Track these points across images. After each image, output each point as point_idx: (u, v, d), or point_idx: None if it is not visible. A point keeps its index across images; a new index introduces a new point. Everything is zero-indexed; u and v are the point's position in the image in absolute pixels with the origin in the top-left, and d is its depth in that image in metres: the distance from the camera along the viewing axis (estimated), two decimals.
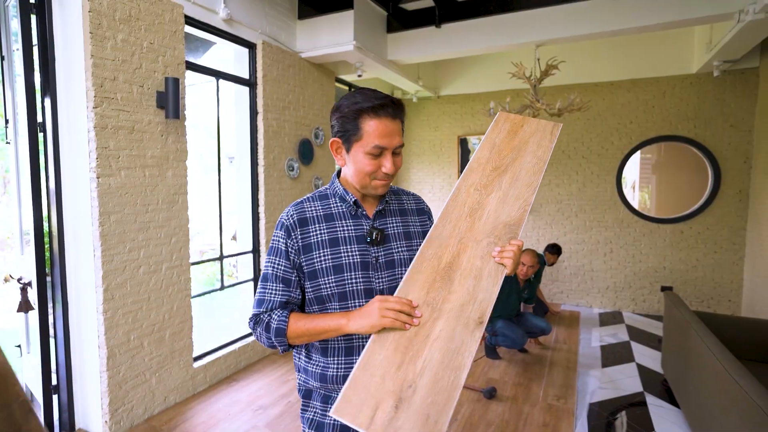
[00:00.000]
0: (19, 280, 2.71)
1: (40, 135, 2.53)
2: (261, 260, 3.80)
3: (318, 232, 1.10)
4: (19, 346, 3.06)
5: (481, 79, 5.86)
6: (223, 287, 3.56)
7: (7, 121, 2.92)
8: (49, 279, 2.63)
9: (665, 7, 3.49)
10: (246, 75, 3.67)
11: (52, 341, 2.64)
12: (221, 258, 3.55)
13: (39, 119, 2.52)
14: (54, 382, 2.67)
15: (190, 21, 3.06)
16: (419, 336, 0.98)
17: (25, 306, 2.64)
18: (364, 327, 0.99)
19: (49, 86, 2.51)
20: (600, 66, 5.21)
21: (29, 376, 2.86)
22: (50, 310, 2.63)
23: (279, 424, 2.75)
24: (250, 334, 3.77)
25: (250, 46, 3.64)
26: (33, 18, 2.47)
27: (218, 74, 3.41)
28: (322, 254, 1.09)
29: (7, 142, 2.98)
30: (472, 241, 1.11)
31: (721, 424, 2.11)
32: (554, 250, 4.86)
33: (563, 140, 5.45)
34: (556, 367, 3.65)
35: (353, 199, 1.13)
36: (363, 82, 5.47)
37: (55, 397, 2.66)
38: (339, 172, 1.20)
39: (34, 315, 2.61)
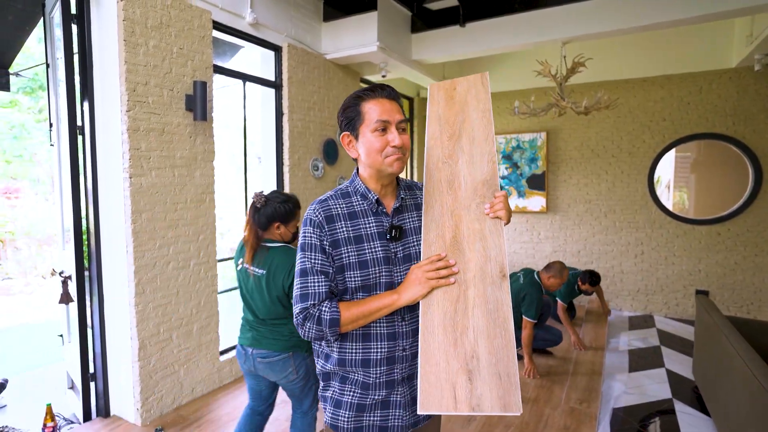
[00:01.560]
0: (60, 273, 2.89)
1: (79, 138, 2.69)
2: None
3: (343, 229, 1.16)
4: (61, 335, 3.26)
5: (506, 78, 5.78)
6: None
7: (51, 125, 3.11)
8: (87, 273, 2.79)
9: None
10: (272, 77, 3.77)
11: (89, 332, 2.81)
12: None
13: (78, 123, 2.69)
14: (92, 370, 2.83)
15: (218, 26, 3.18)
16: (458, 311, 1.07)
17: (65, 298, 2.82)
18: (415, 296, 1.09)
19: (88, 91, 2.67)
20: (631, 62, 5.05)
21: (70, 364, 3.05)
22: (88, 303, 2.80)
23: None
24: None
25: (276, 49, 3.73)
26: (74, 27, 2.63)
27: (245, 77, 3.52)
28: (348, 250, 1.15)
29: (51, 145, 3.18)
30: (462, 209, 1.17)
31: None
32: (592, 279, 4.44)
33: (591, 138, 5.31)
34: (580, 370, 3.57)
35: (375, 198, 1.19)
36: (387, 82, 5.50)
37: (92, 385, 2.83)
38: (357, 170, 1.26)
39: (74, 306, 2.78)
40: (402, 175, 1.33)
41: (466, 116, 1.29)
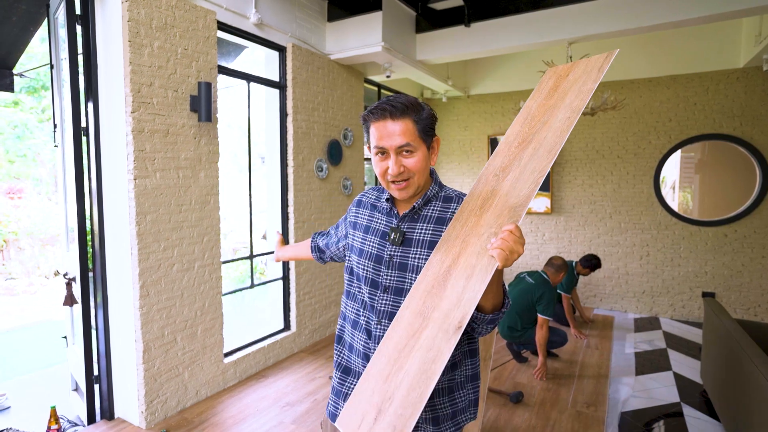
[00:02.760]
0: (64, 275, 2.88)
1: (84, 139, 2.68)
2: None
3: (362, 216, 1.27)
4: (65, 337, 3.25)
5: (512, 78, 5.75)
6: (253, 285, 3.66)
7: (55, 126, 3.10)
8: (91, 275, 2.78)
9: None
10: (276, 77, 3.75)
11: (94, 334, 2.80)
12: (251, 257, 3.65)
13: (83, 124, 2.67)
14: (96, 372, 2.82)
15: (223, 26, 3.16)
16: (407, 347, 0.98)
17: (70, 300, 2.81)
18: None
19: (92, 92, 2.66)
20: (637, 62, 5.01)
21: (74, 366, 3.04)
22: (92, 305, 2.78)
23: (305, 421, 2.80)
24: (278, 332, 3.85)
25: (280, 49, 3.71)
26: (78, 28, 2.61)
27: (249, 77, 3.50)
28: (357, 235, 1.26)
29: (55, 146, 3.17)
30: (474, 236, 1.02)
31: None
32: (594, 263, 4.53)
33: (597, 139, 5.28)
34: (586, 373, 3.54)
35: (387, 197, 1.22)
36: (392, 83, 5.48)
37: (96, 387, 2.82)
38: None
39: (78, 308, 2.77)
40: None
41: (552, 116, 1.10)
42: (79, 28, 2.62)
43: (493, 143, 5.94)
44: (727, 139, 4.72)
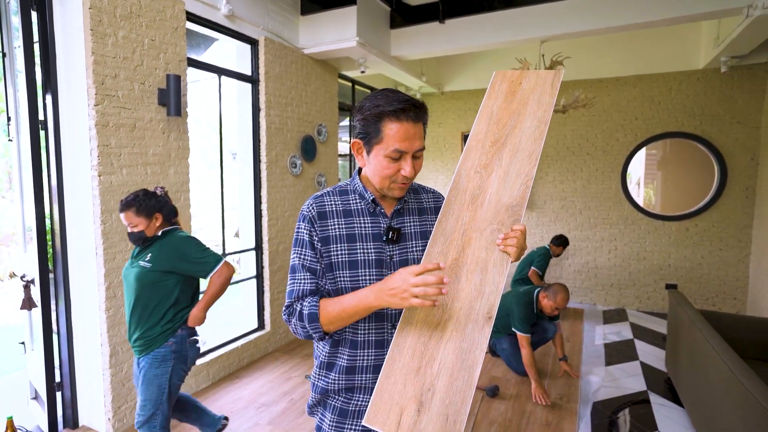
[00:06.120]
0: (22, 277, 2.71)
1: (42, 132, 2.52)
2: (264, 257, 3.80)
3: (336, 226, 1.12)
4: (23, 342, 3.07)
5: (486, 75, 5.81)
6: None
7: (9, 118, 2.91)
8: (51, 276, 2.63)
9: (672, 2, 3.43)
10: (248, 71, 3.65)
11: (55, 338, 2.65)
12: (224, 255, 3.54)
13: (41, 117, 2.52)
14: (58, 379, 2.68)
15: (192, 17, 3.04)
16: (433, 339, 1.01)
17: (28, 303, 2.65)
18: (392, 305, 0.98)
19: (50, 84, 2.51)
20: (605, 61, 5.16)
21: (33, 373, 2.87)
22: (53, 308, 2.64)
23: (282, 422, 2.75)
24: (252, 331, 3.77)
25: (253, 43, 3.61)
26: (33, 14, 2.45)
27: (220, 71, 3.39)
28: (338, 248, 1.11)
29: (9, 140, 2.98)
30: (475, 231, 1.08)
31: (725, 424, 2.09)
32: (560, 242, 4.82)
33: (567, 136, 5.40)
34: (559, 365, 3.63)
35: (371, 197, 1.14)
36: (366, 78, 5.44)
37: (58, 394, 2.68)
38: (360, 169, 1.20)
39: (37, 312, 2.62)
40: None
41: (519, 121, 1.17)
42: (34, 15, 2.46)
43: (467, 140, 5.99)
44: (689, 137, 4.92)
